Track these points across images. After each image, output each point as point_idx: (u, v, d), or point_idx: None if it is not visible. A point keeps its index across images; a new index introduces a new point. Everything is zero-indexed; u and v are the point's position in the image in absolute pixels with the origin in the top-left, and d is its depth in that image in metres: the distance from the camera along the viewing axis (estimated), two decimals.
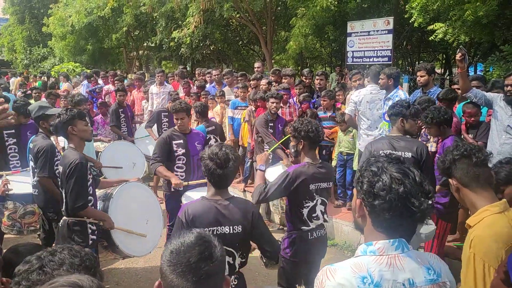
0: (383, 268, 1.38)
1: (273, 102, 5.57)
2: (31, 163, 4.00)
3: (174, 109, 4.43)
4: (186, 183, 4.18)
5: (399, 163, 1.44)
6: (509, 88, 4.07)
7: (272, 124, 5.62)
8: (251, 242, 2.58)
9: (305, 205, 3.06)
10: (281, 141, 5.06)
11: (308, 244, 3.13)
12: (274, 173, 4.16)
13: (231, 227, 2.35)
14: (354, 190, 1.57)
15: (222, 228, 2.33)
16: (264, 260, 3.21)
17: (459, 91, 4.84)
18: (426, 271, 1.43)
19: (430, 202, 1.38)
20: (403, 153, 3.43)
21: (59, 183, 3.38)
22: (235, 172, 2.45)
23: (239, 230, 2.38)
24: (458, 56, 4.19)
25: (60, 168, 3.30)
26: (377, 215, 1.42)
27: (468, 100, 4.66)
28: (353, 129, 5.82)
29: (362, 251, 1.45)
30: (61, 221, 3.39)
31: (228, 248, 2.33)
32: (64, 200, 3.28)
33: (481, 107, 4.72)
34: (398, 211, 1.36)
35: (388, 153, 3.26)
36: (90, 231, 3.36)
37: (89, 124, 3.49)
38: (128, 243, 3.64)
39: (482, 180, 1.99)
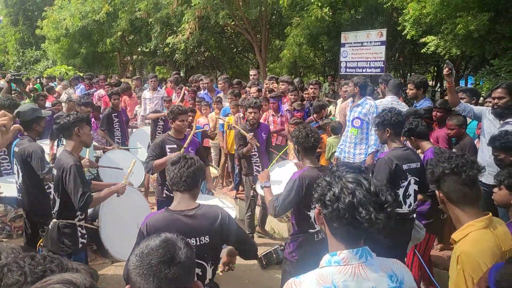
0: (347, 278, 1.39)
1: (250, 112, 5.32)
2: (17, 167, 3.90)
3: (181, 110, 4.38)
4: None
5: (357, 172, 1.46)
6: (495, 101, 4.15)
7: (252, 134, 5.29)
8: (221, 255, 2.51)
9: (312, 207, 3.12)
10: (282, 152, 5.10)
11: (314, 246, 3.20)
12: (286, 170, 4.34)
13: (197, 238, 2.25)
14: None
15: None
16: (265, 262, 3.22)
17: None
18: (389, 279, 1.44)
19: (386, 212, 1.38)
20: (416, 164, 3.47)
21: (52, 186, 3.34)
22: (196, 175, 2.36)
23: (206, 240, 2.28)
24: (445, 71, 4.28)
25: (55, 171, 3.25)
26: (329, 224, 1.45)
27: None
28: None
29: (326, 261, 1.45)
30: (51, 223, 3.35)
31: (197, 260, 2.24)
32: (57, 204, 3.25)
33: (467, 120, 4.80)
34: (345, 220, 1.38)
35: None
36: (80, 234, 3.33)
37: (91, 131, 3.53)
38: (117, 247, 3.61)
39: (468, 198, 1.97)
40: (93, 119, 7.77)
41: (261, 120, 6.27)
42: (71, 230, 3.29)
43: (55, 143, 6.21)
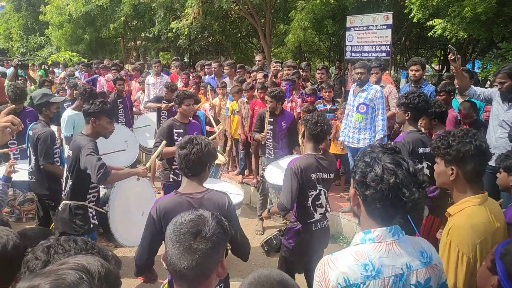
0: (382, 255, 1.43)
1: (267, 101, 5.40)
2: (30, 150, 4.02)
3: (187, 94, 4.48)
4: None
5: (393, 154, 1.47)
6: (499, 86, 4.22)
7: (272, 120, 5.43)
8: None
9: (309, 195, 3.13)
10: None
11: (312, 235, 3.19)
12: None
13: None
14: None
15: None
16: (266, 248, 3.26)
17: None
18: (420, 255, 1.49)
19: (423, 192, 1.42)
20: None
21: (66, 167, 3.42)
22: (202, 161, 2.35)
23: None
24: (450, 57, 4.26)
25: (70, 153, 3.31)
26: (369, 205, 1.46)
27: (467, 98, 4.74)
28: None
29: (360, 239, 1.49)
30: (62, 204, 3.42)
31: None
32: (69, 184, 3.34)
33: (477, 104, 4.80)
34: (389, 201, 1.40)
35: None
36: (91, 215, 3.42)
37: (113, 123, 3.48)
38: (123, 232, 3.67)
39: (480, 177, 2.04)
40: None
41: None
42: (82, 211, 3.38)
43: None
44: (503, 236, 1.95)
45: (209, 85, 7.37)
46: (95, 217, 3.46)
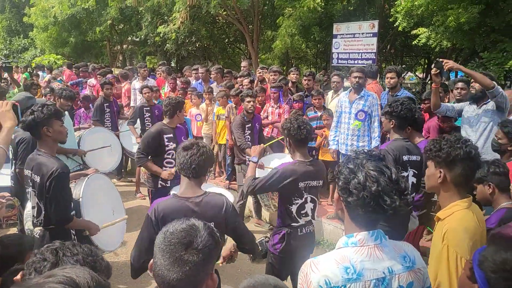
0: (364, 259, 1.46)
1: (249, 101, 5.42)
2: (10, 154, 3.92)
3: (183, 101, 4.62)
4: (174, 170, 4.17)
5: (377, 160, 1.49)
6: (471, 89, 4.48)
7: (250, 125, 5.48)
8: (228, 247, 2.56)
9: (294, 202, 3.09)
10: (278, 139, 5.43)
11: (297, 240, 3.17)
12: (281, 161, 4.35)
13: None
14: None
15: None
16: (251, 255, 3.24)
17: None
18: (402, 259, 1.51)
19: (405, 199, 1.45)
20: (416, 156, 3.44)
21: (33, 192, 2.97)
22: (206, 163, 2.40)
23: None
24: (433, 71, 4.25)
25: (37, 179, 2.85)
26: (352, 210, 1.49)
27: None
28: None
29: (343, 243, 1.51)
30: (38, 231, 3.05)
31: None
32: (43, 212, 2.93)
33: None
34: (371, 208, 1.43)
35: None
36: (73, 236, 3.14)
37: (64, 125, 3.11)
38: (104, 240, 3.56)
39: (469, 182, 2.09)
40: (82, 109, 7.70)
41: (262, 111, 6.43)
42: (65, 235, 2.98)
43: None
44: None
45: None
46: (74, 237, 3.14)
